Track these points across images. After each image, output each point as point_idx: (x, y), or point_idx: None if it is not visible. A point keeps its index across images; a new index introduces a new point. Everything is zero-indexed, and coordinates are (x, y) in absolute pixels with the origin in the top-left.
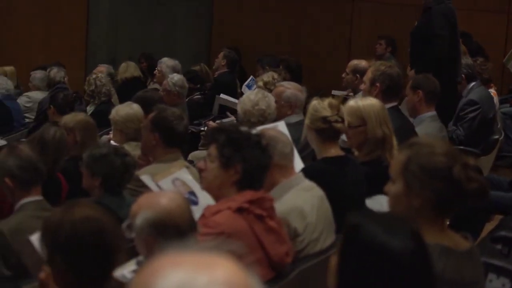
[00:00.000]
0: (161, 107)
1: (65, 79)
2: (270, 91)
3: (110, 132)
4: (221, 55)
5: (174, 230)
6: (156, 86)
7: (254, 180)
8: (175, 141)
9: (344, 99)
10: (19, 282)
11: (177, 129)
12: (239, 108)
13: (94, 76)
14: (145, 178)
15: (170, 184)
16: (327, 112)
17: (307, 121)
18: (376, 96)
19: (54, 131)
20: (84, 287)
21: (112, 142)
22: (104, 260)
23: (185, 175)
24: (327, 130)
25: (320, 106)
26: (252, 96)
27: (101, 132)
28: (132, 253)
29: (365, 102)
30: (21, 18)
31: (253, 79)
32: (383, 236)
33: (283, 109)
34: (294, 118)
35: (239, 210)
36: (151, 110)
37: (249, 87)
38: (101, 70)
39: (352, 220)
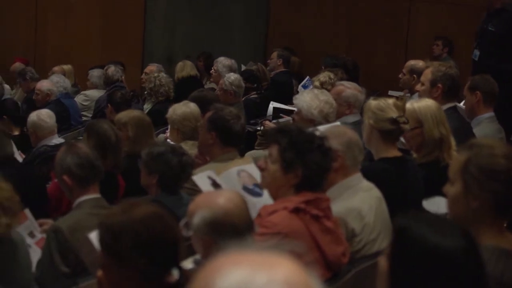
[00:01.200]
0: (218, 106)
1: (123, 77)
2: (328, 91)
3: (167, 131)
4: (274, 55)
5: (231, 229)
6: (213, 85)
7: (314, 183)
8: (232, 141)
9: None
10: (77, 279)
11: (234, 128)
12: (305, 106)
13: (155, 74)
14: (198, 178)
15: (234, 175)
16: (393, 113)
17: (370, 121)
18: (437, 97)
19: (111, 128)
20: (147, 285)
21: (168, 140)
22: (175, 252)
23: (252, 167)
24: (393, 131)
25: (386, 106)
26: (316, 95)
27: (158, 130)
28: (189, 252)
29: (420, 104)
30: (79, 17)
31: (309, 80)
32: (434, 237)
33: (341, 108)
34: (351, 118)
35: (296, 210)
36: (207, 109)
37: (305, 87)
38: (151, 69)
39: (401, 222)
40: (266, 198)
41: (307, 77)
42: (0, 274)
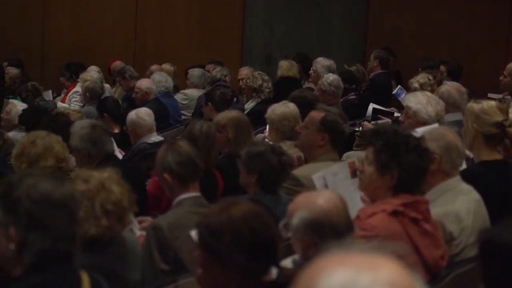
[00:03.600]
0: (327, 108)
1: (227, 78)
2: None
3: (265, 131)
4: (371, 56)
5: (331, 230)
6: (311, 85)
7: (411, 185)
8: (340, 143)
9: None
10: (176, 276)
11: (345, 131)
12: (421, 108)
13: (258, 73)
14: (316, 178)
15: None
16: (498, 117)
17: (474, 125)
18: None
19: (201, 125)
20: (246, 284)
21: (266, 140)
22: (274, 250)
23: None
24: (497, 135)
25: (491, 109)
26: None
27: (256, 130)
28: (288, 252)
29: None
30: (179, 17)
31: (401, 88)
32: None
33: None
34: (450, 117)
35: (394, 213)
36: (307, 109)
37: (397, 95)
38: (245, 73)
39: (485, 236)
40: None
41: (398, 86)
42: (109, 274)
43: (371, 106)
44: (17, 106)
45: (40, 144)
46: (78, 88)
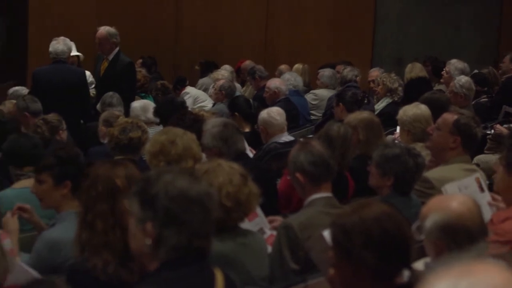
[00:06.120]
0: (461, 111)
1: (357, 78)
2: None
3: (395, 132)
4: (507, 58)
5: (464, 234)
6: (442, 87)
7: None
8: (472, 146)
9: None
10: (306, 276)
11: (477, 134)
12: None
13: (391, 75)
14: (450, 188)
15: (473, 181)
16: None
17: None
18: None
19: (338, 127)
20: (378, 285)
21: (396, 142)
22: (406, 252)
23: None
24: None
25: None
26: None
27: (386, 132)
28: (420, 254)
29: None
30: (309, 18)
31: None
32: None
33: None
34: None
35: None
36: (439, 111)
37: None
38: (376, 75)
39: None
40: None
41: None
42: (233, 263)
43: (504, 109)
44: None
45: (180, 144)
46: (188, 89)
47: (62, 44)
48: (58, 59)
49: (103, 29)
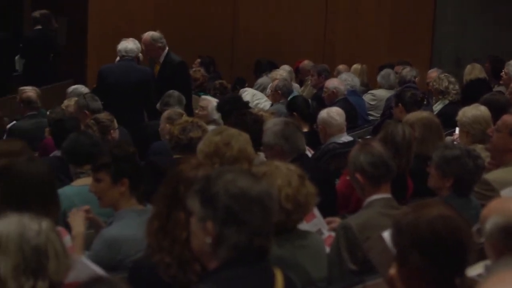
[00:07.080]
0: None
1: (416, 79)
2: None
3: (454, 133)
4: None
5: None
6: (501, 89)
7: None
8: None
9: None
10: (364, 277)
11: None
12: None
13: (444, 75)
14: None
15: None
16: None
17: None
18: None
19: (403, 129)
20: (439, 286)
21: (455, 143)
22: (460, 258)
23: None
24: None
25: None
26: None
27: (445, 133)
28: (480, 256)
29: None
30: (369, 18)
31: None
32: None
33: None
34: None
35: None
36: (499, 113)
37: None
38: (433, 76)
39: None
40: None
41: None
42: (292, 267)
43: None
44: (213, 102)
45: (236, 147)
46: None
47: (132, 43)
48: (126, 57)
49: (147, 35)
